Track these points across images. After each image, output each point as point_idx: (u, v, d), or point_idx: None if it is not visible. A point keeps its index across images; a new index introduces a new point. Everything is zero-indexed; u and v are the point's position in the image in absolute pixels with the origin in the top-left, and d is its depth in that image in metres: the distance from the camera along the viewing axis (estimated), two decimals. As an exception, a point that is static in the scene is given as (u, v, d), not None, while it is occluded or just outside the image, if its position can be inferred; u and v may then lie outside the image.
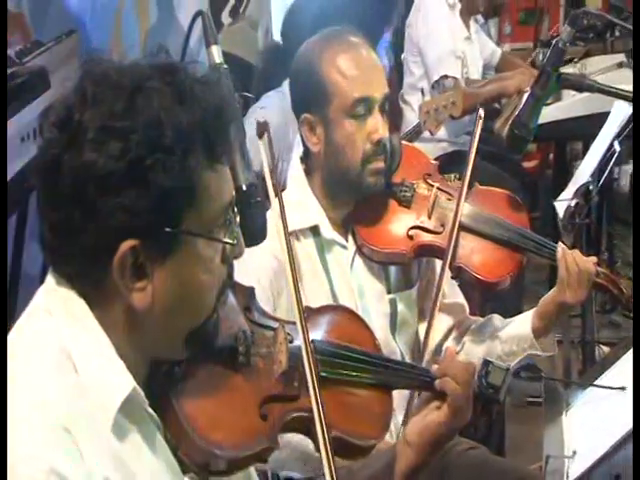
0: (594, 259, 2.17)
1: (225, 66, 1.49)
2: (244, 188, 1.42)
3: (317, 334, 1.54)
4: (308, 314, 1.55)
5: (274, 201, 2.15)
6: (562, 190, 3.13)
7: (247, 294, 1.47)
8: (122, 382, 1.19)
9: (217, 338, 1.31)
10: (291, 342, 1.43)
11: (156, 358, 1.28)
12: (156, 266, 1.19)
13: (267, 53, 3.95)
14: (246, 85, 3.69)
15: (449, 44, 4.15)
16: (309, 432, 1.39)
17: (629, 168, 5.45)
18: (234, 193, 1.28)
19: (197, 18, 1.53)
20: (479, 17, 4.77)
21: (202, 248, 1.22)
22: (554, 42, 2.10)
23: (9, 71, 2.82)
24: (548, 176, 5.46)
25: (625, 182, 5.46)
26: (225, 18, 4.23)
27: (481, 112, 2.28)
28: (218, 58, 1.49)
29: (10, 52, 2.83)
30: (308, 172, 2.19)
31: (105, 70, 1.20)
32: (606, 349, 3.61)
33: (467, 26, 4.37)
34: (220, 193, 1.24)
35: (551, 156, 5.49)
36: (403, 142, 2.30)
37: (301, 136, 2.16)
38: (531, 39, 5.77)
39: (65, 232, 1.17)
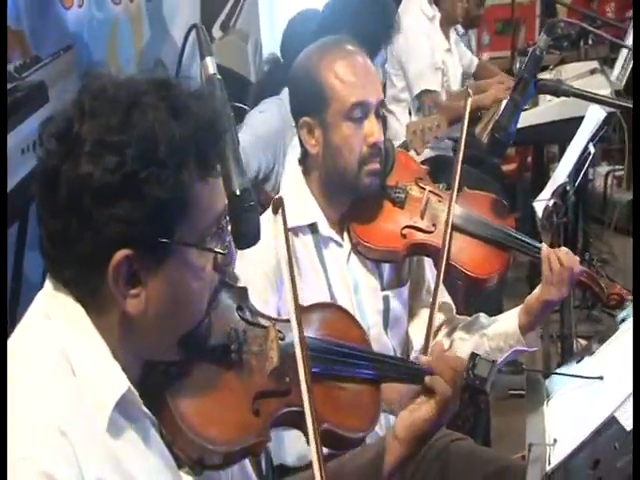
0: (577, 258, 2.19)
1: (219, 77, 1.50)
2: (238, 193, 1.43)
3: (308, 331, 1.54)
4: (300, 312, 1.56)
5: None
6: (540, 191, 3.16)
7: (240, 294, 1.47)
8: (117, 382, 1.20)
9: (210, 339, 1.32)
10: (282, 339, 1.44)
11: (150, 360, 1.29)
12: (150, 274, 1.20)
13: (264, 66, 3.95)
14: (238, 96, 3.69)
15: (428, 57, 4.19)
16: (300, 426, 1.40)
17: (603, 170, 5.49)
18: (226, 202, 1.29)
19: (191, 31, 1.54)
20: (459, 27, 4.80)
21: (194, 257, 1.23)
22: (531, 50, 2.13)
23: (9, 86, 2.83)
24: (526, 178, 5.50)
25: (599, 183, 5.50)
26: (216, 32, 4.24)
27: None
28: (212, 69, 1.50)
29: (10, 67, 2.85)
30: (306, 173, 2.21)
31: (103, 84, 1.21)
32: (584, 342, 3.63)
33: (447, 37, 4.40)
34: (212, 204, 1.25)
35: (529, 159, 5.52)
36: (398, 149, 2.34)
37: (300, 139, 2.18)
38: (508, 48, 5.79)
39: (62, 240, 1.18)
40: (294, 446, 2.15)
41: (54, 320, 1.22)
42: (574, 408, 1.74)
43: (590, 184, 5.25)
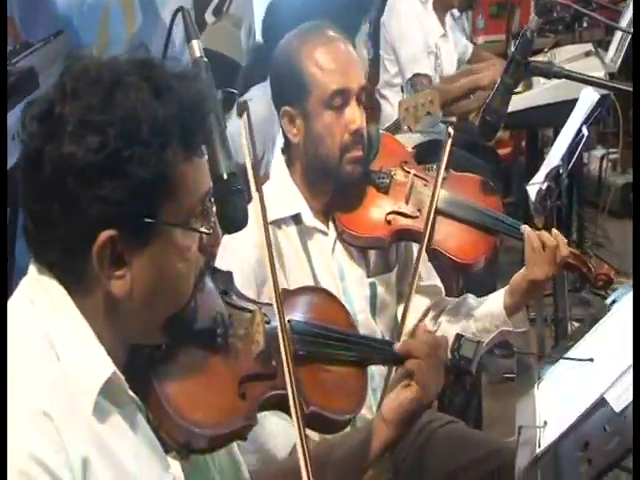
0: (564, 239, 2.18)
1: (205, 60, 1.49)
2: (225, 177, 1.42)
3: (294, 314, 1.55)
4: (285, 296, 1.56)
5: (254, 191, 2.16)
6: (534, 175, 3.15)
7: (225, 278, 1.47)
8: (102, 366, 1.20)
9: (195, 323, 1.32)
10: (268, 323, 1.44)
11: (136, 343, 1.29)
12: (134, 255, 1.20)
13: (251, 52, 3.93)
14: (230, 82, 3.67)
15: (421, 43, 4.16)
16: (287, 410, 1.39)
17: (598, 153, 5.47)
18: (211, 184, 1.29)
19: (177, 14, 1.52)
20: (454, 11, 4.78)
21: (179, 237, 1.23)
22: (522, 31, 2.11)
23: (0, 72, 2.80)
24: (521, 162, 5.48)
25: (594, 167, 5.48)
26: (209, 16, 4.22)
27: (450, 130, 2.28)
28: (198, 52, 1.49)
29: (-1, 53, 2.82)
30: (289, 162, 2.19)
31: (85, 65, 1.20)
32: (577, 325, 3.63)
33: (442, 22, 4.37)
34: (197, 184, 1.24)
35: (523, 143, 5.50)
36: (381, 132, 2.31)
37: (282, 128, 2.16)
38: (503, 32, 5.77)
39: (45, 222, 1.18)
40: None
41: (38, 305, 1.21)
42: (565, 390, 1.73)
43: (585, 168, 5.23)
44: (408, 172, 2.25)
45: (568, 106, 3.22)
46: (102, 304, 1.22)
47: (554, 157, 3.13)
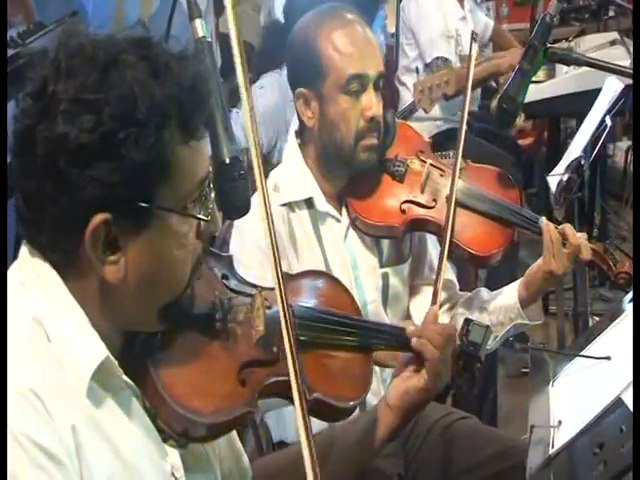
0: (584, 235, 2.12)
1: (209, 39, 1.43)
2: (227, 161, 1.37)
3: (296, 298, 1.51)
4: (288, 280, 1.50)
5: (271, 173, 2.11)
6: (555, 166, 3.08)
7: (225, 262, 1.43)
8: (94, 351, 1.17)
9: (193, 308, 1.28)
10: (269, 308, 1.40)
11: (131, 330, 1.26)
12: (129, 240, 1.17)
13: (266, 31, 3.89)
14: (248, 67, 3.63)
15: (441, 26, 4.11)
16: (289, 396, 1.35)
17: (624, 145, 5.38)
18: (210, 168, 1.25)
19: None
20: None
21: (176, 223, 1.19)
22: (541, 16, 2.04)
23: (12, 52, 2.78)
24: (544, 153, 5.39)
25: (620, 158, 5.39)
26: (227, 1, 4.16)
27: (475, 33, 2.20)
28: (201, 31, 1.43)
29: (13, 33, 2.81)
30: (303, 145, 2.15)
31: (80, 43, 1.17)
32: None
33: (462, 5, 4.31)
34: (194, 168, 1.21)
35: (546, 133, 5.41)
36: (397, 120, 2.26)
37: (296, 110, 2.12)
38: (527, 20, 5.67)
39: (37, 202, 1.15)
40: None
41: (28, 288, 1.18)
42: (580, 389, 1.67)
43: (610, 159, 5.15)
44: (424, 161, 2.20)
45: (592, 96, 3.14)
46: (95, 289, 1.19)
47: (576, 148, 3.05)
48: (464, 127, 2.21)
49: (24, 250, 1.21)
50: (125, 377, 1.21)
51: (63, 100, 1.11)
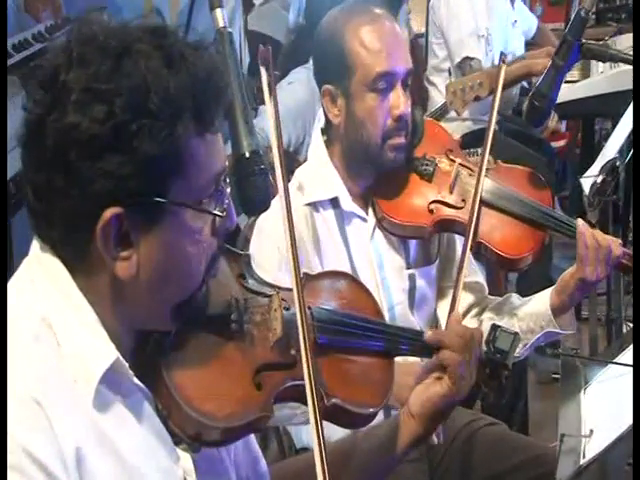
0: (618, 240, 2.05)
1: (230, 30, 1.39)
2: (247, 155, 1.32)
3: (315, 300, 1.45)
4: (307, 280, 1.46)
5: (297, 171, 2.07)
6: (589, 168, 3.00)
7: (242, 261, 1.38)
8: (104, 353, 1.13)
9: (208, 308, 1.24)
10: (287, 309, 1.34)
11: (142, 329, 1.21)
12: (141, 235, 1.12)
13: (294, 31, 3.85)
14: (275, 63, 3.60)
15: (471, 25, 4.05)
16: (306, 401, 1.29)
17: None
18: (226, 163, 1.20)
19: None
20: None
21: (190, 219, 1.15)
22: (576, 10, 1.97)
23: (39, 47, 2.77)
24: (577, 155, 5.30)
25: (656, 161, 5.26)
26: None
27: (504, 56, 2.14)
28: (222, 22, 1.38)
29: (40, 27, 2.80)
30: (329, 143, 2.11)
31: (93, 31, 1.12)
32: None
33: (513, 6, 4.23)
34: (209, 162, 1.16)
35: (580, 135, 5.32)
36: (426, 118, 2.20)
37: (323, 107, 2.07)
38: (562, 20, 5.57)
39: (47, 196, 1.11)
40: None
41: (37, 285, 1.14)
42: (613, 397, 1.61)
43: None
44: (453, 161, 2.14)
45: (627, 96, 3.04)
46: (106, 287, 1.14)
47: (610, 149, 2.97)
48: (492, 127, 2.14)
49: (35, 245, 1.17)
50: (136, 380, 1.16)
51: (74, 90, 1.07)
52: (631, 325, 3.43)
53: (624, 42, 4.23)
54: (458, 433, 2.09)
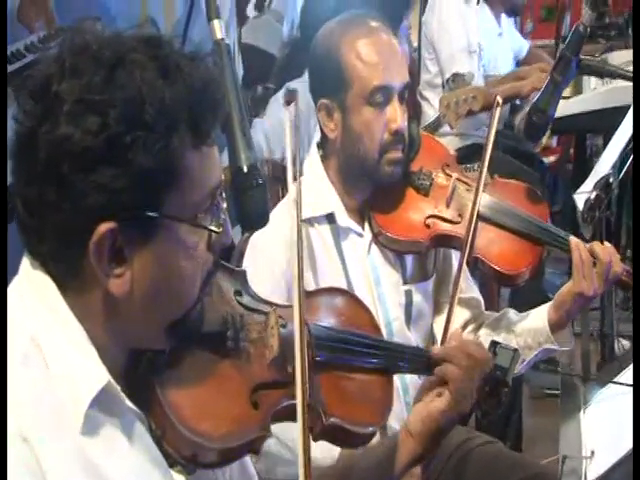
0: (618, 255, 2.02)
1: (227, 42, 1.34)
2: (244, 169, 1.27)
3: (313, 317, 1.41)
4: (304, 297, 1.41)
5: (291, 186, 2.02)
6: (581, 184, 2.97)
7: (238, 277, 1.33)
8: (94, 376, 1.07)
9: (203, 325, 1.19)
10: (284, 326, 1.30)
11: (136, 348, 1.16)
12: (135, 251, 1.07)
13: (289, 44, 3.82)
14: (269, 76, 3.57)
15: (463, 41, 4.03)
16: None
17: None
18: (222, 177, 1.16)
19: (198, -9, 1.38)
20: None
21: (185, 234, 1.10)
22: (574, 26, 1.94)
23: (32, 57, 2.73)
24: (568, 171, 5.28)
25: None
26: (250, 11, 4.11)
27: (499, 98, 2.11)
28: (220, 33, 1.34)
29: (33, 38, 2.75)
30: (324, 158, 2.06)
31: (86, 41, 1.08)
32: (625, 342, 3.45)
33: (499, 22, 4.23)
34: (206, 176, 1.11)
35: (571, 151, 5.30)
36: (422, 132, 2.17)
37: (318, 121, 2.02)
38: (552, 36, 5.57)
39: (38, 210, 1.06)
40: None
41: (27, 303, 1.10)
42: (614, 418, 1.57)
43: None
44: (450, 175, 2.10)
45: (620, 113, 3.02)
46: (99, 304, 1.10)
47: (604, 165, 2.94)
48: (491, 142, 2.10)
49: (25, 261, 1.12)
50: (128, 402, 1.11)
51: (67, 100, 1.03)
52: (624, 341, 3.41)
53: (615, 59, 4.21)
54: (454, 452, 2.04)
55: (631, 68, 3.79)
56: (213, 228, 1.13)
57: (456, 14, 4.06)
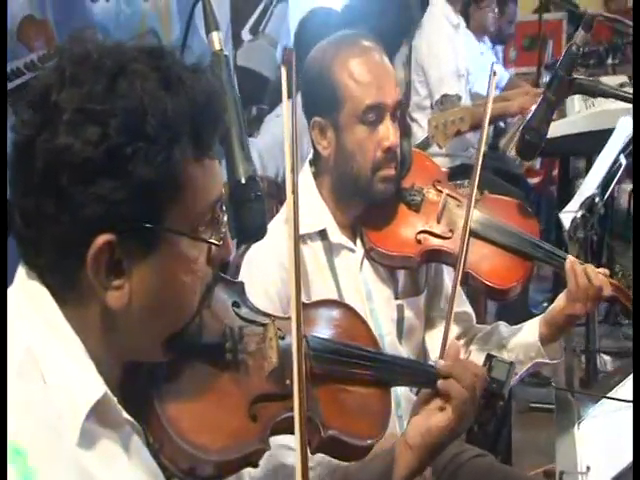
0: (606, 271, 1.97)
1: (226, 53, 1.29)
2: (243, 181, 1.22)
3: (311, 329, 1.36)
4: (302, 308, 1.35)
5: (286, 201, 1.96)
6: (564, 205, 2.93)
7: (236, 289, 1.28)
8: (91, 387, 1.02)
9: (201, 337, 1.14)
10: (282, 338, 1.25)
11: (133, 360, 1.10)
12: (134, 264, 1.02)
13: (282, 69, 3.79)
14: (262, 98, 3.53)
15: (451, 64, 4.02)
16: None
17: (627, 187, 5.22)
18: (223, 190, 1.11)
19: (197, 3, 1.33)
20: (487, 41, 4.64)
21: (185, 247, 1.05)
22: (568, 46, 1.90)
23: (32, 75, 2.68)
24: (551, 192, 5.25)
25: (624, 201, 5.23)
26: (245, 35, 4.07)
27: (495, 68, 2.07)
28: (218, 45, 1.29)
29: (33, 56, 2.70)
30: (317, 175, 2.00)
31: (86, 50, 1.03)
32: (607, 358, 3.40)
33: (480, 42, 4.23)
34: (206, 189, 1.06)
35: (554, 172, 5.27)
36: (414, 149, 2.11)
37: (311, 139, 1.97)
38: (534, 64, 5.56)
39: (36, 221, 1.00)
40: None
41: (23, 314, 1.03)
42: (609, 433, 1.51)
43: (615, 201, 4.99)
44: (441, 191, 2.05)
45: (603, 136, 2.98)
46: (96, 317, 1.04)
47: (589, 185, 2.90)
48: (481, 156, 2.05)
49: (21, 271, 1.06)
50: (125, 414, 1.05)
51: (66, 110, 0.98)
52: (605, 357, 3.35)
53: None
54: (446, 465, 1.97)
55: (624, 89, 3.79)
56: (214, 241, 1.08)
57: (445, 39, 4.05)
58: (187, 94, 1.03)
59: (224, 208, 1.12)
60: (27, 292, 1.04)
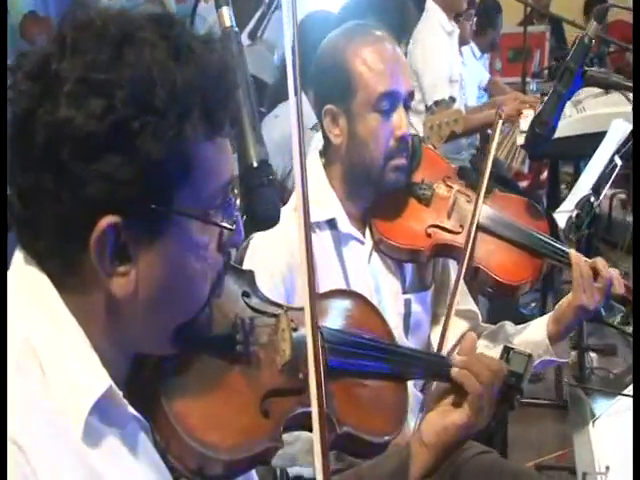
0: (616, 270, 1.85)
1: (236, 29, 1.16)
2: (255, 165, 1.08)
3: (325, 320, 1.23)
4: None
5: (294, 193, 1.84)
6: (555, 208, 2.82)
7: (246, 278, 1.15)
8: (95, 380, 0.89)
9: (211, 328, 1.01)
10: (295, 329, 1.11)
11: (139, 353, 0.97)
12: (141, 248, 0.89)
13: (280, 71, 3.68)
14: (261, 102, 3.42)
15: (445, 70, 3.93)
16: None
17: (609, 192, 5.14)
18: (236, 171, 0.99)
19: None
20: (475, 49, 4.56)
21: (196, 232, 0.92)
22: (579, 37, 1.79)
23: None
24: (539, 196, 5.16)
25: (605, 204, 5.16)
26: (244, 39, 3.96)
27: (501, 111, 1.96)
28: (229, 21, 1.15)
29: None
30: (327, 165, 1.89)
31: (89, 16, 0.90)
32: (593, 355, 3.30)
33: (460, 51, 4.16)
34: (219, 169, 0.94)
35: (542, 176, 5.19)
36: (424, 144, 2.01)
37: (322, 128, 1.85)
38: (519, 74, 5.48)
39: (35, 200, 0.88)
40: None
41: (20, 302, 0.90)
42: (625, 432, 1.38)
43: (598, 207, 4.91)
44: (451, 187, 1.94)
45: (594, 139, 2.88)
46: (100, 305, 0.91)
47: (584, 186, 2.79)
48: (492, 152, 1.94)
49: (18, 256, 0.93)
50: (131, 409, 0.92)
51: (68, 80, 0.85)
52: (592, 354, 3.25)
53: (583, 92, 4.08)
54: (451, 461, 1.84)
55: (597, 100, 3.68)
56: (226, 225, 0.95)
57: (438, 44, 3.95)
58: (198, 66, 0.90)
59: (236, 191, 1.00)
60: (25, 278, 0.91)
